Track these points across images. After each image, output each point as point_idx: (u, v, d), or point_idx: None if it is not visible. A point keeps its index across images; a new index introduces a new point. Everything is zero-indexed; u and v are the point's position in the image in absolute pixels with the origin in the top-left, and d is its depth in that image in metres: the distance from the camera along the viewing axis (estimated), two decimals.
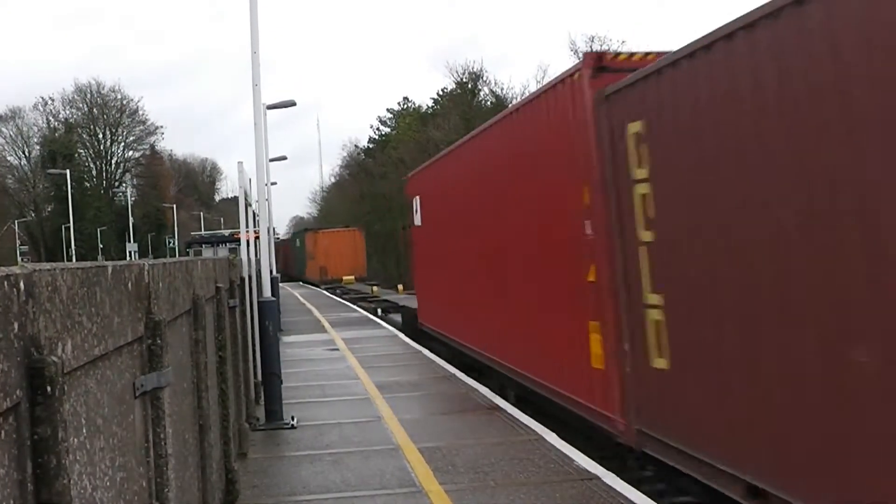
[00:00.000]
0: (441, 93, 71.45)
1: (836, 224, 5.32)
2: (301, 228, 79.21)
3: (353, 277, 56.21)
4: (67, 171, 63.60)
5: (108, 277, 2.97)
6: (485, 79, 63.58)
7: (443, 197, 17.42)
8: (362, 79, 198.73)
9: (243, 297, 11.38)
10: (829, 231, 5.38)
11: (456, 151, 16.25)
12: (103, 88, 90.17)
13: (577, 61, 9.22)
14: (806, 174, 5.59)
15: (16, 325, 1.99)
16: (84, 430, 2.61)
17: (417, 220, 20.16)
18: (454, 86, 65.77)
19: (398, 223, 55.46)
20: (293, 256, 70.08)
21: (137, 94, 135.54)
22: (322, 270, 57.74)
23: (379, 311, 31.84)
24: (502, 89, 60.61)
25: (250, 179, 14.04)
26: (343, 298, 41.04)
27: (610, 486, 7.66)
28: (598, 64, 8.73)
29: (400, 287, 45.26)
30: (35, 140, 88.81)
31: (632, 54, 8.78)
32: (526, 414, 10.88)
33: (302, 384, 14.43)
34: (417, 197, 20.19)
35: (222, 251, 46.80)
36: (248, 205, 13.11)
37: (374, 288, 46.87)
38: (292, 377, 14.53)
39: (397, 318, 27.11)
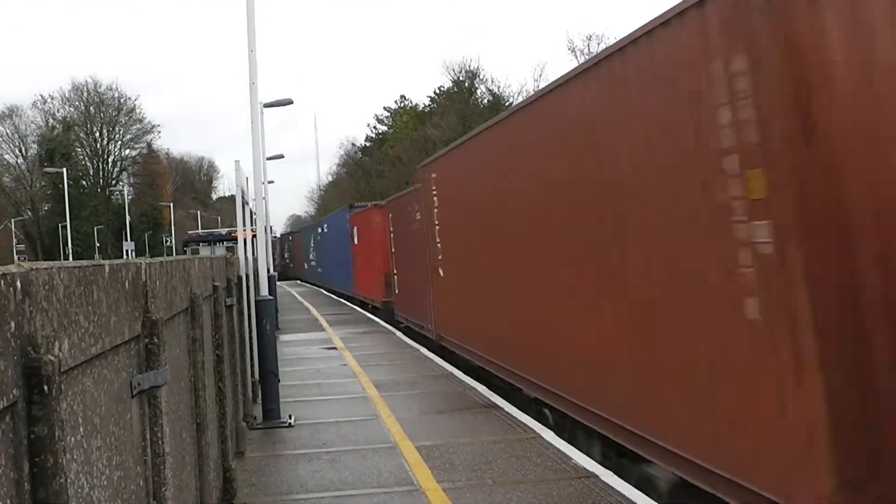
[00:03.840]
0: (438, 91, 71.48)
1: None
2: None
3: None
4: (64, 170, 63.50)
5: (105, 276, 2.97)
6: (482, 77, 63.59)
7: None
8: (359, 78, 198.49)
9: (241, 295, 11.37)
10: None
11: None
12: (100, 87, 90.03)
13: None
14: None
15: (12, 324, 1.98)
16: (81, 429, 2.61)
17: None
18: (451, 84, 65.76)
19: None
20: None
21: (134, 92, 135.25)
22: None
23: None
24: (499, 87, 60.70)
25: (247, 178, 14.04)
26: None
27: (607, 485, 7.67)
28: None
29: None
30: (32, 139, 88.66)
31: None
32: None
33: (299, 383, 14.43)
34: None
35: (220, 250, 46.61)
36: (245, 203, 13.09)
37: None
38: (290, 376, 14.53)
39: None
